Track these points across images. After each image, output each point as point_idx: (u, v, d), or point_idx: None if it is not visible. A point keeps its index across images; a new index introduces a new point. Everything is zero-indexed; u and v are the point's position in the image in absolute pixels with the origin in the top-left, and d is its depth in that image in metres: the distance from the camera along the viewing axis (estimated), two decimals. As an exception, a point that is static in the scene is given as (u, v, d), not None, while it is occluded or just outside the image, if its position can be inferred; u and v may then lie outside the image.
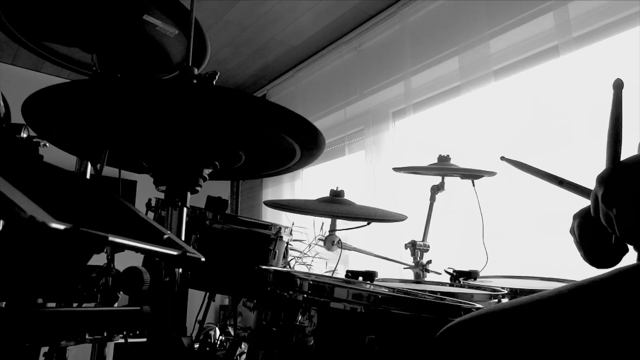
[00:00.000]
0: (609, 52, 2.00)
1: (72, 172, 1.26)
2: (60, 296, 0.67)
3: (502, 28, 2.25)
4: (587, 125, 1.81)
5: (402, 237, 2.47)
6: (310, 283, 0.90)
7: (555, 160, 2.03)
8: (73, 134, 0.99)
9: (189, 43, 1.04)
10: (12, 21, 1.18)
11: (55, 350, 0.99)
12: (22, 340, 0.57)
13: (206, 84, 0.98)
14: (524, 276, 1.72)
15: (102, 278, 0.72)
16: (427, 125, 2.76)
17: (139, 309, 0.70)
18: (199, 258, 0.67)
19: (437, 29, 2.60)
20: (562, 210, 1.95)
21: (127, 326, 0.70)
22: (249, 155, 1.05)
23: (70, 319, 0.62)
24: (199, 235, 1.41)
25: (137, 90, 0.82)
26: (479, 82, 2.27)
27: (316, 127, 0.89)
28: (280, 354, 0.91)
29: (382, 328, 0.83)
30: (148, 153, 0.98)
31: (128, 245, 0.54)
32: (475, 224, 1.86)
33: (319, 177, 3.58)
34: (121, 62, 1.27)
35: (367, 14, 2.95)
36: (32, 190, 0.48)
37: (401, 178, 2.60)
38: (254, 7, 2.93)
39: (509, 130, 2.20)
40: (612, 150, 0.65)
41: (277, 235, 1.51)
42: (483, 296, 1.19)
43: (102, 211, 0.74)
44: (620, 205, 0.58)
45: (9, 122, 0.91)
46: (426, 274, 1.88)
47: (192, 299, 1.18)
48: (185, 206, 0.97)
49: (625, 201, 0.58)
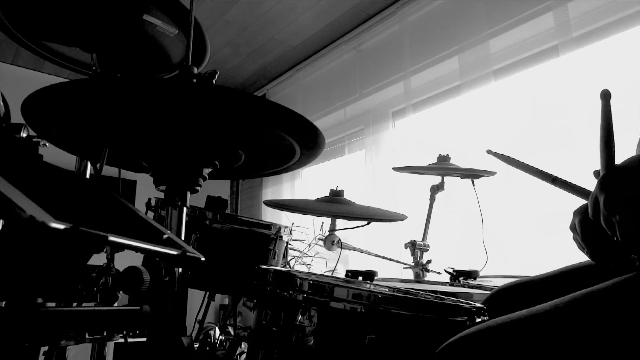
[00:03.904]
0: (608, 52, 2.00)
1: (72, 171, 1.26)
2: (60, 296, 0.67)
3: (501, 28, 2.25)
4: (587, 125, 1.81)
5: (402, 236, 2.47)
6: (310, 283, 0.90)
7: (555, 160, 2.03)
8: (73, 133, 0.98)
9: (189, 42, 1.04)
10: (12, 21, 1.18)
11: (55, 350, 1.00)
12: (22, 339, 0.57)
13: (206, 84, 0.98)
14: (524, 276, 1.72)
15: (102, 278, 0.72)
16: (426, 125, 2.76)
17: (139, 308, 0.70)
18: (199, 258, 0.67)
19: (437, 28, 2.60)
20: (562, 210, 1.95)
21: (126, 326, 0.70)
22: (248, 155, 1.05)
23: (70, 319, 0.62)
24: (199, 234, 1.41)
25: (137, 90, 0.82)
26: (479, 81, 2.27)
27: (316, 127, 0.89)
28: (280, 354, 0.91)
29: (382, 328, 0.83)
30: (148, 152, 0.98)
31: (128, 245, 0.54)
32: (475, 224, 1.86)
33: (319, 177, 3.58)
34: (121, 61, 1.27)
35: (367, 14, 2.95)
36: (32, 190, 0.48)
37: (401, 178, 2.60)
38: (253, 6, 2.93)
39: (509, 130, 2.20)
40: (606, 155, 0.64)
41: (277, 235, 1.51)
42: (483, 296, 1.18)
43: (102, 211, 0.74)
44: (623, 211, 0.58)
45: (8, 121, 0.91)
46: (426, 273, 1.88)
47: (192, 298, 1.18)
48: (185, 206, 0.97)
49: (628, 206, 0.57)
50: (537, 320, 0.62)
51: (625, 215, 0.57)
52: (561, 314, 0.61)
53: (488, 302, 0.94)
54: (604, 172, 0.64)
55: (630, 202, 0.57)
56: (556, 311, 0.62)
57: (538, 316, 0.62)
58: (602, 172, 0.64)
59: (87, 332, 0.64)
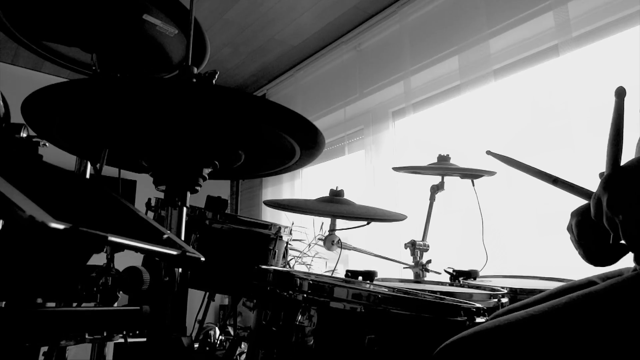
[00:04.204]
0: (608, 52, 2.00)
1: (72, 171, 1.26)
2: (60, 296, 0.67)
3: (501, 27, 2.25)
4: (587, 124, 1.81)
5: (401, 236, 2.47)
6: (310, 283, 0.90)
7: (555, 159, 2.03)
8: (73, 133, 0.98)
9: (189, 42, 1.04)
10: (12, 21, 1.18)
11: (54, 350, 1.00)
12: (21, 340, 0.57)
13: (206, 84, 0.98)
14: (524, 276, 1.72)
15: (102, 278, 0.72)
16: (426, 124, 2.76)
17: (139, 308, 0.70)
18: (199, 258, 0.67)
19: (437, 28, 2.60)
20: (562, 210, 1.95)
21: (126, 326, 0.70)
22: (248, 155, 1.05)
23: (70, 319, 0.62)
24: (199, 234, 1.41)
25: (136, 90, 0.82)
26: (479, 81, 2.27)
27: (316, 127, 0.89)
28: (280, 354, 0.91)
29: (382, 328, 0.83)
30: (148, 152, 0.98)
31: (128, 245, 0.54)
32: (475, 224, 1.86)
33: (319, 177, 3.58)
34: (121, 61, 1.26)
35: (367, 14, 2.95)
36: (32, 190, 0.48)
37: (401, 178, 2.60)
38: (253, 6, 2.93)
39: (509, 130, 2.20)
40: (613, 155, 0.64)
41: (276, 235, 1.51)
42: (483, 296, 1.19)
43: (101, 211, 0.74)
44: (626, 211, 0.57)
45: (8, 121, 0.91)
46: (426, 273, 1.88)
47: (192, 298, 1.18)
48: (185, 206, 0.97)
49: (632, 206, 0.57)
50: (535, 321, 0.62)
51: (629, 215, 0.57)
52: (559, 315, 0.61)
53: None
54: (608, 171, 0.64)
55: (633, 203, 0.57)
56: (554, 312, 0.62)
57: (536, 317, 0.62)
58: (606, 171, 0.64)
59: (87, 332, 0.64)
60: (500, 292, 1.19)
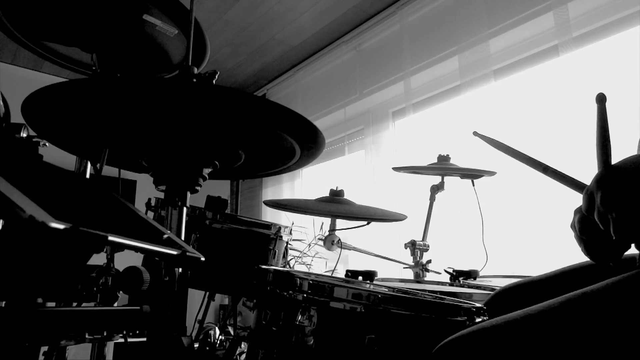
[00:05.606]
0: (608, 52, 2.00)
1: (72, 171, 1.26)
2: (60, 296, 0.67)
3: (501, 28, 2.25)
4: (587, 124, 1.81)
5: (401, 236, 2.47)
6: (310, 282, 0.90)
7: (555, 159, 2.03)
8: (73, 133, 0.99)
9: (189, 42, 1.04)
10: (12, 21, 1.18)
11: (54, 350, 1.00)
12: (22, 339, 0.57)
13: (206, 84, 0.98)
14: (524, 276, 1.72)
15: (102, 277, 0.72)
16: (426, 124, 2.76)
17: (139, 308, 0.70)
18: (199, 257, 0.67)
19: (437, 28, 2.60)
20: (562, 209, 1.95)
21: (126, 326, 0.70)
22: (248, 155, 1.05)
23: (70, 319, 0.62)
24: (199, 234, 1.41)
25: (136, 90, 0.82)
26: (479, 81, 2.27)
27: (316, 126, 0.89)
28: (280, 354, 0.91)
29: (382, 328, 0.83)
30: (148, 152, 0.98)
31: (128, 245, 0.54)
32: (475, 224, 1.86)
33: (319, 177, 3.58)
34: (121, 61, 1.27)
35: (367, 14, 2.95)
36: (32, 190, 0.48)
37: (401, 178, 2.60)
38: (253, 6, 2.93)
39: (509, 130, 2.20)
40: (603, 156, 0.66)
41: (276, 235, 1.51)
42: (483, 296, 1.19)
43: (101, 211, 0.74)
44: (618, 209, 0.58)
45: (8, 121, 0.91)
46: (426, 273, 1.88)
47: (192, 298, 1.18)
48: (185, 206, 0.97)
49: (623, 204, 0.58)
50: (532, 320, 0.62)
51: (621, 213, 0.58)
52: (556, 314, 0.61)
53: (489, 304, 0.94)
54: (600, 169, 0.65)
55: (625, 202, 0.58)
56: (551, 312, 0.62)
57: (532, 316, 0.63)
58: (598, 169, 0.65)
59: (87, 332, 0.64)
60: (500, 292, 1.19)
